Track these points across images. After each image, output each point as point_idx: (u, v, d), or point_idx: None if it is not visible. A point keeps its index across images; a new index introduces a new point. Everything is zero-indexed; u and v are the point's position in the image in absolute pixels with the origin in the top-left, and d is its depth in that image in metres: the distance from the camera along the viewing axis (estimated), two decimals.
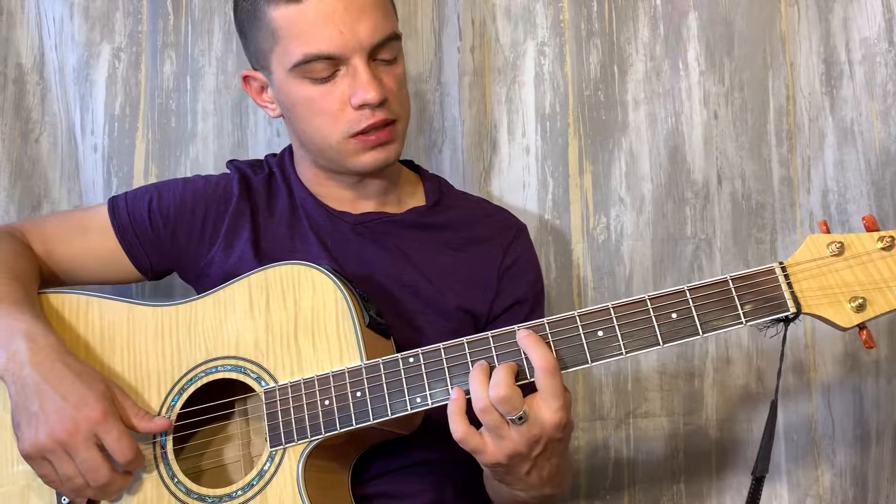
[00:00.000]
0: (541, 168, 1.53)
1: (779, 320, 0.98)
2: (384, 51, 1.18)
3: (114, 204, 1.29)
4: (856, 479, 1.46)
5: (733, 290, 0.97)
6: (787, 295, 0.96)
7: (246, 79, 1.27)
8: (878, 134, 1.49)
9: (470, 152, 1.54)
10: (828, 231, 0.98)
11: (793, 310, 0.96)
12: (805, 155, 1.52)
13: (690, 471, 1.50)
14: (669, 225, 1.51)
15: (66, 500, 1.11)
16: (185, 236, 1.28)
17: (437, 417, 1.08)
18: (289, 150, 1.34)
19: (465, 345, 1.02)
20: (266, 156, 1.38)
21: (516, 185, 1.53)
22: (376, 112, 1.17)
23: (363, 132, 1.18)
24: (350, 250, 1.26)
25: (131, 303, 1.19)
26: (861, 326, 0.96)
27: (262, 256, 1.24)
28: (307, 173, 1.30)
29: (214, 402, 1.14)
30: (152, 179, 1.54)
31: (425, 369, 1.03)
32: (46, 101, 1.57)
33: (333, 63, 1.16)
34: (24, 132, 1.55)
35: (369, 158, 1.21)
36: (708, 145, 1.51)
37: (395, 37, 1.20)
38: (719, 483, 1.49)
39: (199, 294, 1.28)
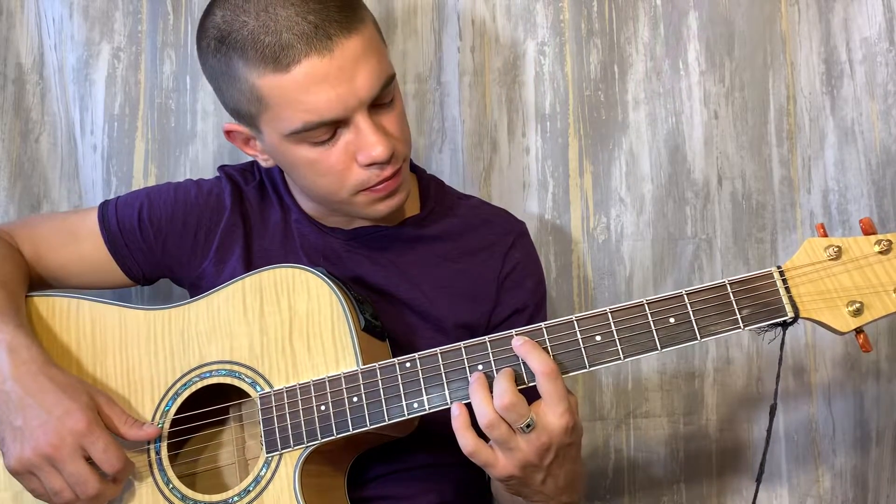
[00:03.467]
0: (541, 168, 1.52)
1: (777, 325, 0.98)
2: (383, 96, 1.10)
3: (104, 211, 1.27)
4: (856, 480, 1.46)
5: (731, 294, 0.97)
6: (785, 300, 0.96)
7: (229, 133, 1.18)
8: (879, 134, 1.49)
9: (470, 152, 1.54)
10: (825, 234, 0.98)
11: (791, 315, 0.96)
12: (805, 155, 1.51)
13: (690, 471, 1.50)
14: (669, 225, 1.51)
15: None
16: (175, 247, 1.26)
17: (435, 421, 1.07)
18: (279, 173, 1.30)
19: (463, 350, 1.01)
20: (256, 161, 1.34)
21: (516, 185, 1.53)
22: (385, 167, 1.10)
23: (372, 188, 1.12)
24: (343, 267, 1.23)
25: (123, 306, 1.18)
26: (858, 331, 0.95)
27: (249, 270, 1.21)
28: (304, 201, 1.27)
29: (209, 406, 1.13)
30: (152, 179, 1.54)
31: (422, 374, 1.02)
32: (46, 101, 1.57)
33: (335, 125, 1.08)
34: (23, 132, 1.55)
35: (383, 208, 1.15)
36: (708, 145, 1.51)
37: (390, 78, 1.11)
38: (720, 483, 1.49)
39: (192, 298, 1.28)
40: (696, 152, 1.51)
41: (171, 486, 1.09)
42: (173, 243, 1.26)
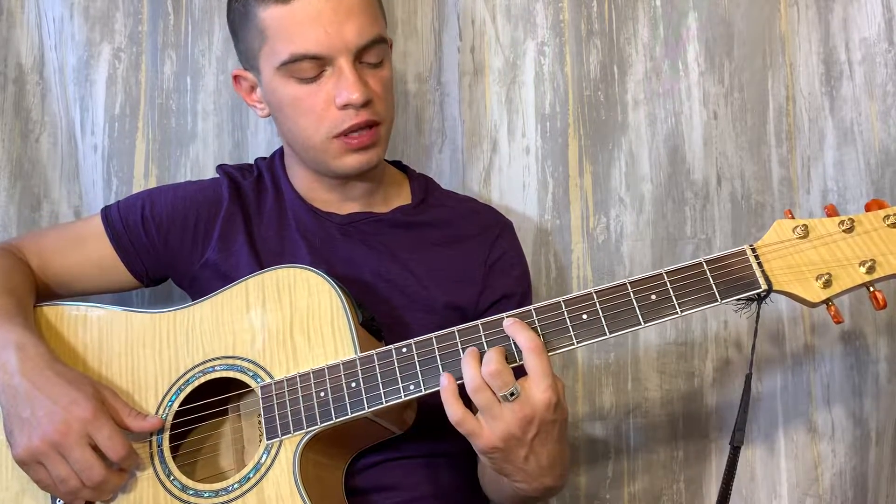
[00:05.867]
0: (541, 168, 1.53)
1: (752, 299, 1.02)
2: (370, 53, 1.20)
3: (107, 213, 1.32)
4: (855, 479, 1.46)
5: (707, 271, 1.02)
6: (758, 274, 1.01)
7: (237, 78, 1.30)
8: (878, 134, 1.49)
9: (470, 152, 1.54)
10: (792, 217, 1.04)
11: (764, 287, 1.01)
12: (805, 155, 1.52)
13: (690, 470, 1.50)
14: (669, 225, 1.51)
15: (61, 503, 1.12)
16: (177, 241, 1.30)
17: (430, 411, 1.11)
18: (280, 153, 1.37)
19: (456, 333, 1.05)
20: (256, 159, 1.40)
21: (516, 185, 1.53)
22: (360, 112, 1.19)
23: (346, 133, 1.20)
24: (337, 251, 1.28)
25: (128, 310, 1.20)
26: (829, 303, 1.01)
27: (259, 258, 1.26)
28: (296, 173, 1.33)
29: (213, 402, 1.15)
30: (152, 180, 1.54)
31: (418, 358, 1.06)
32: (46, 101, 1.57)
33: (319, 63, 1.18)
34: (24, 132, 1.56)
35: (352, 161, 1.23)
36: (708, 145, 1.51)
37: (381, 40, 1.21)
38: (719, 481, 1.49)
39: (193, 299, 1.29)
40: (696, 152, 1.51)
41: (171, 476, 1.11)
42: (175, 237, 1.30)
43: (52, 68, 1.57)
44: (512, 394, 0.99)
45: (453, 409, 1.01)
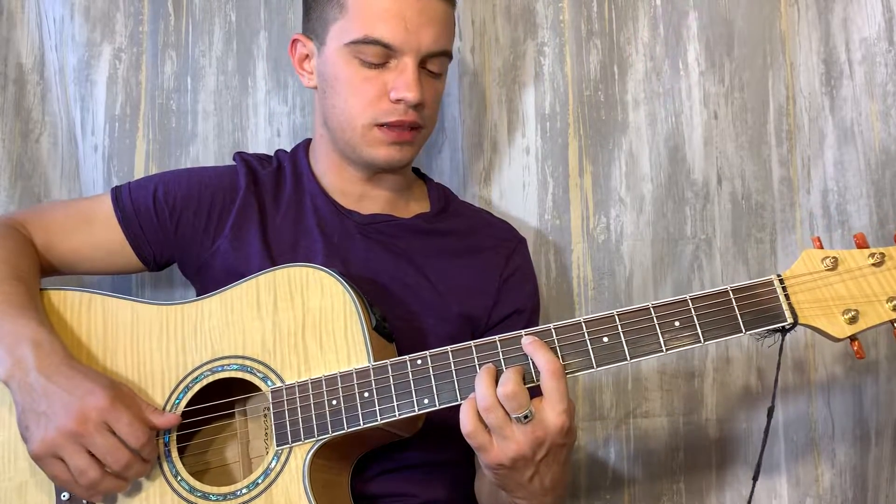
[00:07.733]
0: (541, 168, 1.53)
1: (776, 330, 1.01)
2: (434, 63, 1.23)
3: (117, 194, 1.29)
4: (855, 479, 1.46)
5: (734, 300, 1.01)
6: (784, 306, 1.00)
7: (295, 42, 1.30)
8: (878, 134, 1.49)
9: (470, 152, 1.54)
10: (821, 246, 1.02)
11: (790, 320, 1.00)
12: (805, 155, 1.52)
13: (690, 470, 1.50)
14: (669, 225, 1.51)
15: (66, 497, 1.10)
16: (189, 226, 1.28)
17: (439, 420, 1.09)
18: (304, 145, 1.36)
19: (473, 348, 1.03)
20: (277, 151, 1.39)
21: (516, 185, 1.53)
22: (409, 111, 1.21)
23: (389, 125, 1.21)
24: (355, 249, 1.27)
25: (135, 301, 1.18)
26: (853, 338, 1.00)
27: (270, 251, 1.25)
28: (323, 163, 1.31)
29: (219, 401, 1.14)
30: None
31: (433, 371, 1.04)
32: (46, 101, 1.57)
33: (387, 54, 1.20)
34: (24, 132, 1.56)
35: (384, 153, 1.23)
36: (708, 145, 1.51)
37: (447, 54, 1.25)
38: (719, 482, 1.49)
39: (198, 290, 1.28)
40: (696, 152, 1.52)
41: (178, 477, 1.09)
42: (187, 221, 1.28)
43: (53, 68, 1.57)
44: (526, 416, 0.97)
45: (467, 420, 0.99)
